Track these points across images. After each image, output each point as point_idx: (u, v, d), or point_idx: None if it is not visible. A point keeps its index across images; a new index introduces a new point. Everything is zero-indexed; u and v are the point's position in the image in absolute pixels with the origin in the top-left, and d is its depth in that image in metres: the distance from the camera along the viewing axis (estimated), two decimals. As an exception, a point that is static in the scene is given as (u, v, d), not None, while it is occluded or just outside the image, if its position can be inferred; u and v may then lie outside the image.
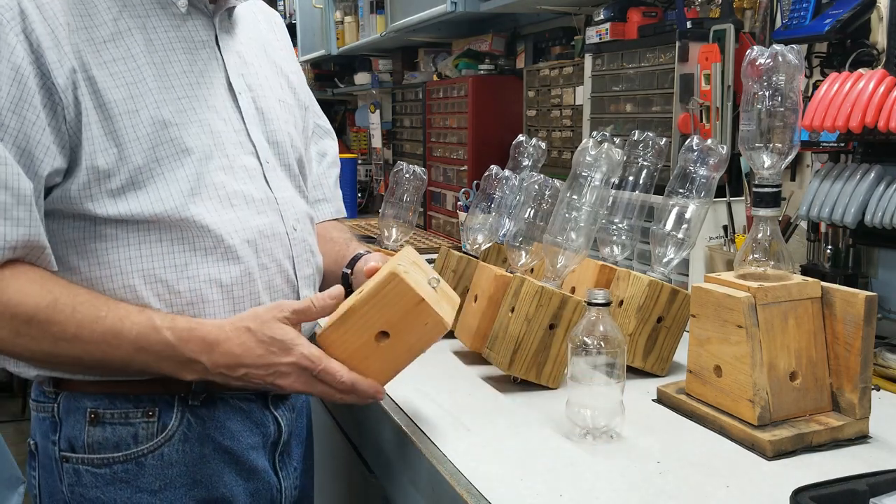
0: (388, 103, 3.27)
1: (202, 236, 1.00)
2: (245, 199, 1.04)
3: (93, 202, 0.95)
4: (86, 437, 1.01)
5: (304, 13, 3.91)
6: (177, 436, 1.02)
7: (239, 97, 1.08)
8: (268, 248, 1.06)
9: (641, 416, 1.07)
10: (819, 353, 1.01)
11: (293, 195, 1.14)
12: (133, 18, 1.00)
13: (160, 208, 0.97)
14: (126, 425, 1.01)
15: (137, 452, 1.01)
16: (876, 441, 0.99)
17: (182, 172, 0.99)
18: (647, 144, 1.36)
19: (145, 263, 0.98)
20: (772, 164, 1.02)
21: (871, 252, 1.34)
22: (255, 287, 1.04)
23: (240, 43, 1.12)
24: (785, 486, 0.83)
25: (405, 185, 1.67)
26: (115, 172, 0.95)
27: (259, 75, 1.13)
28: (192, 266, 1.00)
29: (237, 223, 1.03)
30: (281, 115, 1.15)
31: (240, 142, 1.06)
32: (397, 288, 0.93)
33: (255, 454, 1.08)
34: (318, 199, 1.35)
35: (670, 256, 1.24)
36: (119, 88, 0.96)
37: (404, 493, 1.11)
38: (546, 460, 0.95)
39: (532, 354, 1.15)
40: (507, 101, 2.43)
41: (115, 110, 0.95)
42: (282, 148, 1.13)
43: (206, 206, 1.00)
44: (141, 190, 0.97)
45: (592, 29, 1.82)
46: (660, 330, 1.22)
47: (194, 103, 1.01)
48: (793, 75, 1.01)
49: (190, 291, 1.00)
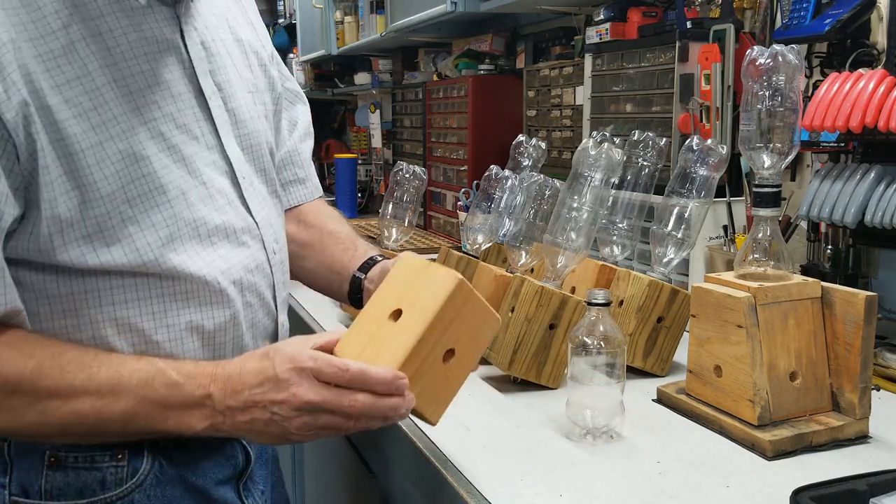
0: (388, 103, 3.26)
1: (183, 281, 0.89)
2: (226, 234, 0.94)
3: (56, 253, 0.83)
4: (43, 483, 0.88)
5: (304, 13, 3.90)
6: (148, 480, 0.91)
7: (209, 101, 0.95)
8: (252, 283, 0.96)
9: (641, 416, 1.07)
10: (819, 353, 1.01)
11: (270, 209, 1.03)
12: (86, 22, 0.84)
13: (136, 260, 0.85)
14: (92, 470, 0.89)
15: (105, 500, 0.89)
16: (876, 441, 0.99)
17: (158, 216, 0.87)
18: (647, 144, 1.36)
19: (118, 311, 0.86)
20: (772, 164, 1.02)
21: (871, 252, 1.34)
22: (240, 330, 0.95)
23: (204, 27, 0.98)
24: (785, 486, 0.83)
25: (405, 185, 1.67)
26: (79, 220, 0.83)
27: (227, 67, 1.00)
28: (171, 313, 0.89)
29: (221, 263, 0.92)
30: (253, 110, 1.03)
31: (213, 161, 0.94)
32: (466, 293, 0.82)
33: (223, 489, 0.98)
34: (292, 179, 1.22)
35: (670, 256, 1.24)
36: (78, 119, 0.82)
37: (404, 493, 1.11)
38: (546, 460, 0.95)
39: (532, 354, 1.15)
40: (507, 101, 2.43)
41: (75, 146, 0.81)
42: (257, 151, 1.03)
43: (186, 253, 0.89)
44: (111, 238, 0.84)
45: (592, 29, 1.82)
46: (660, 330, 1.22)
47: (162, 126, 0.88)
48: (793, 75, 1.01)
49: (169, 341, 0.89)
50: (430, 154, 2.77)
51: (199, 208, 0.91)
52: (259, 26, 1.13)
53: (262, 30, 1.14)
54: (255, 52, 1.09)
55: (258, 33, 1.12)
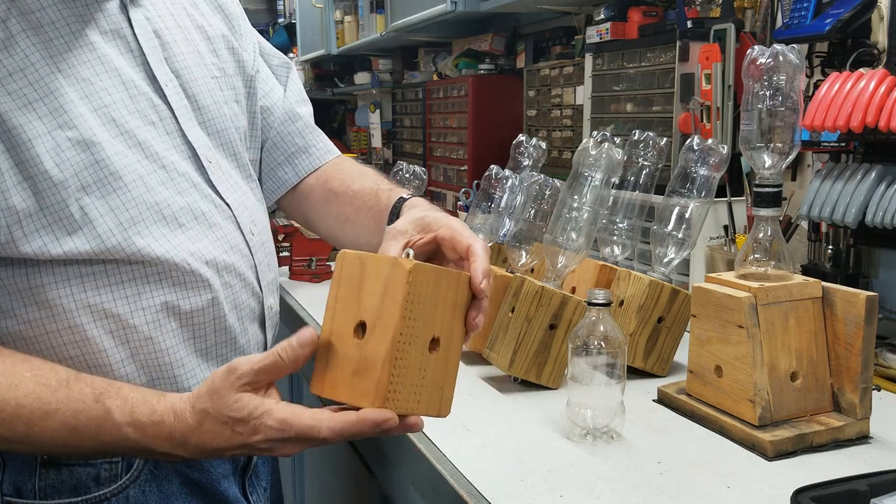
0: (388, 103, 3.27)
1: (152, 264, 0.87)
2: (194, 215, 0.91)
3: (17, 245, 0.82)
4: (37, 481, 0.87)
5: (304, 13, 3.91)
6: (143, 475, 0.90)
7: (165, 89, 0.93)
8: (229, 263, 0.94)
9: (642, 417, 1.07)
10: (820, 354, 1.01)
11: (244, 193, 1.02)
12: (25, 16, 0.84)
13: (99, 246, 0.84)
14: (86, 466, 0.88)
15: (99, 497, 0.89)
16: (877, 441, 0.99)
17: (116, 200, 0.85)
18: (648, 144, 1.36)
19: (91, 298, 0.85)
20: (772, 163, 1.02)
21: (871, 252, 1.34)
22: (221, 311, 0.93)
23: (157, 16, 0.97)
24: (785, 487, 0.83)
25: (405, 185, 1.67)
26: (36, 210, 0.81)
27: (185, 54, 0.98)
28: (145, 295, 0.87)
29: (189, 245, 0.90)
30: (219, 95, 1.01)
31: (174, 146, 0.93)
32: (426, 277, 0.75)
33: (226, 483, 0.98)
34: (293, 150, 1.17)
35: (671, 256, 1.24)
36: (23, 110, 0.81)
37: (404, 493, 1.11)
38: (546, 460, 0.94)
39: (532, 354, 1.15)
40: (507, 101, 2.43)
41: (21, 136, 0.80)
42: (225, 136, 1.00)
43: (152, 236, 0.87)
44: (71, 226, 0.83)
45: (593, 28, 1.81)
46: (660, 330, 1.22)
47: (114, 112, 0.87)
48: (793, 75, 1.01)
49: (147, 324, 0.87)
50: (430, 154, 2.77)
51: (159, 191, 0.89)
52: (228, 5, 1.12)
53: (232, 8, 1.12)
54: (223, 35, 1.07)
55: (227, 14, 1.10)
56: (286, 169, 1.17)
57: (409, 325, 0.73)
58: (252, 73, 1.12)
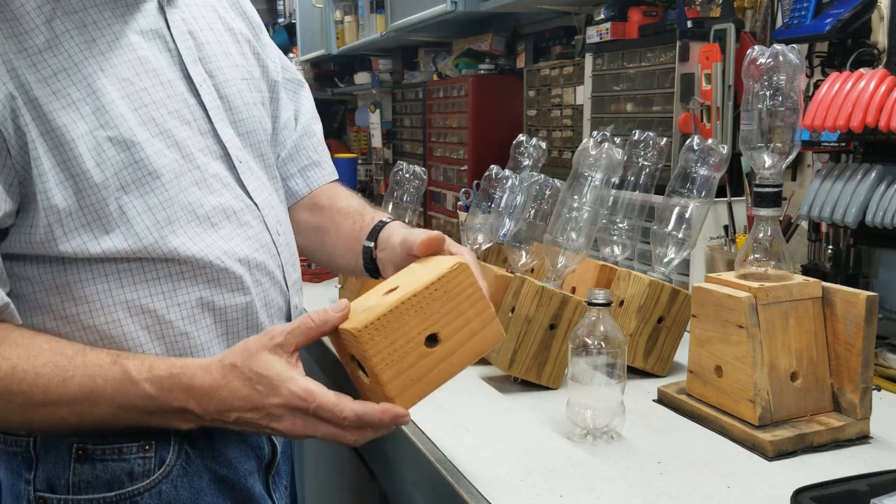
0: (388, 103, 3.26)
1: (187, 263, 0.90)
2: (226, 214, 0.94)
3: (57, 244, 0.84)
4: (70, 476, 0.89)
5: (304, 13, 3.90)
6: (175, 470, 0.92)
7: (200, 89, 0.95)
8: (260, 261, 0.96)
9: (642, 417, 1.07)
10: (820, 354, 1.01)
11: (270, 193, 1.04)
12: (69, 16, 0.85)
13: (136, 245, 0.86)
14: (120, 461, 0.89)
15: (133, 491, 0.89)
16: (877, 441, 0.99)
17: (153, 200, 0.87)
18: (648, 144, 1.36)
19: (128, 294, 0.87)
20: (773, 163, 1.02)
21: (871, 252, 1.34)
22: (253, 308, 0.95)
23: (191, 17, 0.99)
24: (786, 487, 0.83)
25: (405, 185, 1.67)
26: (76, 209, 0.84)
27: (218, 55, 1.00)
28: (181, 291, 0.89)
29: (223, 244, 0.92)
30: (249, 97, 1.03)
31: (207, 146, 0.94)
32: (465, 280, 0.78)
33: (252, 480, 0.99)
34: (307, 163, 1.20)
35: (671, 256, 1.24)
36: (67, 109, 0.83)
37: (404, 493, 1.11)
38: (546, 460, 0.94)
39: (532, 355, 1.15)
40: (507, 101, 2.43)
41: (65, 136, 0.82)
42: (254, 137, 1.03)
43: (186, 234, 0.89)
44: (110, 225, 0.85)
45: (593, 28, 1.81)
46: (660, 330, 1.22)
47: (153, 112, 0.89)
48: (793, 75, 1.01)
49: (182, 319, 0.89)
50: (430, 154, 2.77)
51: (193, 191, 0.91)
52: (252, 15, 1.14)
53: (255, 18, 1.14)
54: (248, 40, 1.10)
55: (251, 22, 1.13)
56: (298, 181, 1.20)
57: (425, 298, 0.78)
58: (276, 78, 1.15)
